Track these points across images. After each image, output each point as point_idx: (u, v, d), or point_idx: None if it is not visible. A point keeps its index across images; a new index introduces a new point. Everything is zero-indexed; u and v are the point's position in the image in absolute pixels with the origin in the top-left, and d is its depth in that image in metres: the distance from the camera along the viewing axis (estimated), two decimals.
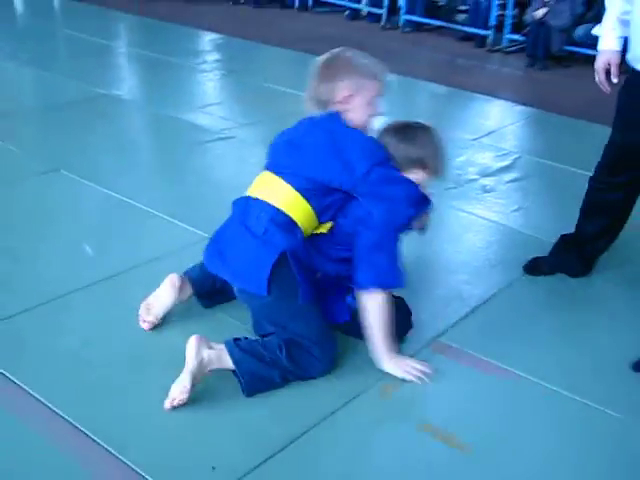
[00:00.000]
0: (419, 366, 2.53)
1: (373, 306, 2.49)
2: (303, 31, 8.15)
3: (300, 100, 2.59)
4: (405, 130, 2.59)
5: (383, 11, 8.54)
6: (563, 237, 3.32)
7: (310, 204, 2.46)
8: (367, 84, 2.52)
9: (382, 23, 8.56)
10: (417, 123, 2.63)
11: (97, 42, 7.07)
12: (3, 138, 4.47)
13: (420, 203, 2.54)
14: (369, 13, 8.88)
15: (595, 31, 3.21)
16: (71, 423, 2.25)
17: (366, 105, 2.53)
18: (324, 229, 2.56)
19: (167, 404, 2.30)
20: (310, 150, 2.49)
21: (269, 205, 2.47)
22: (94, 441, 2.19)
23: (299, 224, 2.46)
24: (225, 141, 4.64)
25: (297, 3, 9.21)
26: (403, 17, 8.41)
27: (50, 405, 2.32)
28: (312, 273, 2.55)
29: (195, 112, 5.18)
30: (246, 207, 2.53)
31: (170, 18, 8.21)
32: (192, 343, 2.37)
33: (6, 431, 2.24)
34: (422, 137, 2.58)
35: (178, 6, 9.05)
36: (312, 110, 2.57)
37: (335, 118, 2.50)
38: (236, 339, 2.47)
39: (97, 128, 4.85)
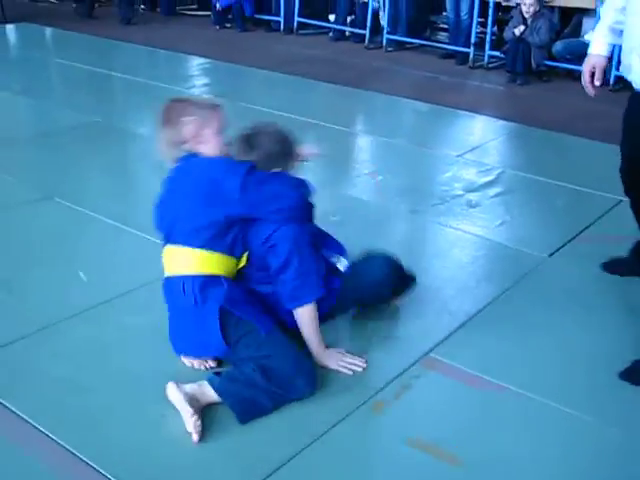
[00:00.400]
0: (349, 359, 2.65)
1: (301, 318, 2.61)
2: (289, 54, 8.19)
3: (289, 121, 2.61)
4: (262, 136, 2.67)
5: (366, 31, 8.59)
6: (637, 242, 3.38)
7: (217, 251, 2.54)
8: (209, 115, 2.61)
9: (366, 43, 8.61)
10: (260, 126, 2.73)
11: (87, 70, 7.10)
12: (4, 166, 4.47)
13: (302, 184, 2.64)
14: (353, 34, 8.93)
15: (587, 36, 3.33)
16: (68, 449, 2.24)
17: (216, 134, 2.61)
18: (244, 261, 2.64)
19: (195, 438, 2.29)
20: (184, 201, 2.58)
21: (185, 277, 2.55)
22: (90, 466, 2.18)
23: (219, 274, 2.54)
24: None
25: (282, 26, 9.26)
26: (386, 37, 8.46)
27: (47, 431, 2.31)
28: (260, 303, 2.63)
29: None
30: (170, 288, 2.62)
31: (158, 44, 8.25)
32: (171, 388, 2.40)
33: (3, 458, 2.22)
34: (276, 133, 2.68)
35: (166, 32, 9.10)
36: (169, 157, 2.66)
37: (189, 159, 2.61)
38: (216, 373, 2.53)
39: (90, 155, 4.86)
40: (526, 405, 2.52)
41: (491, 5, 7.54)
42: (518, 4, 7.09)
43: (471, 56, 7.81)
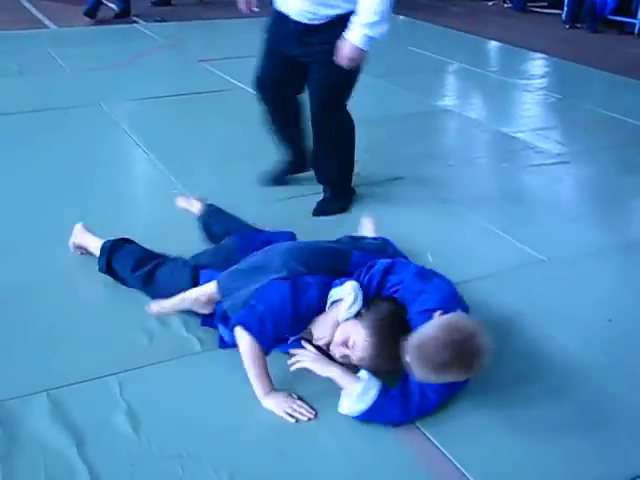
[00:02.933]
0: (297, 406, 2.30)
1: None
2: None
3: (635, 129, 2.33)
4: None
5: None
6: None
7: None
8: None
9: None
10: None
11: (435, 59, 7.25)
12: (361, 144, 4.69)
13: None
14: None
15: None
16: None
17: None
18: None
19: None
20: None
21: None
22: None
23: None
24: (560, 166, 4.44)
25: (637, 28, 8.58)
26: None
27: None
28: None
29: (529, 133, 5.05)
30: None
31: (505, 38, 8.14)
32: None
33: None
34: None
35: (514, 27, 8.95)
36: None
37: None
38: None
39: (433, 140, 4.96)
40: None
41: None
42: None
43: None
